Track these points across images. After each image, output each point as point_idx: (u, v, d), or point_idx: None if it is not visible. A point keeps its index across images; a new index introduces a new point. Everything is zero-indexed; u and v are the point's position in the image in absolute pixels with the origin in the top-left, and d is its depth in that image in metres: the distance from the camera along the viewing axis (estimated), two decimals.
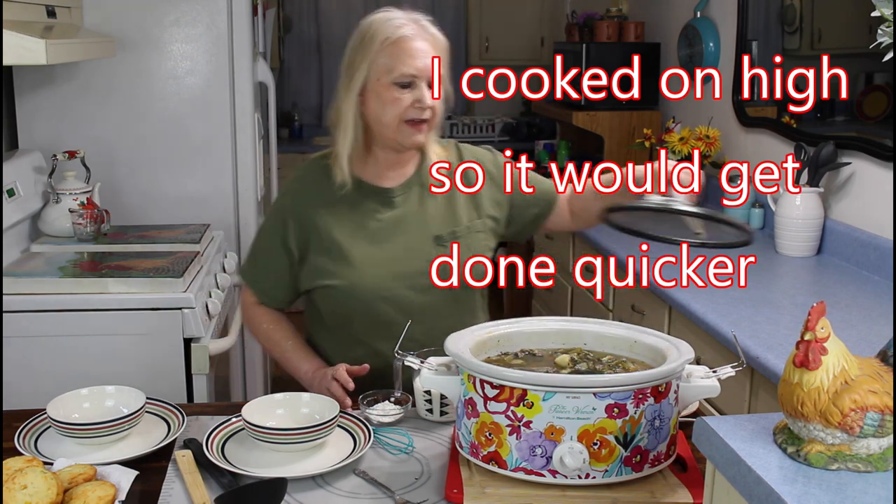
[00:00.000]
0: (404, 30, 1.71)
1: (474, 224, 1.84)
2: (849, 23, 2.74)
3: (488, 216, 1.86)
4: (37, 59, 2.04)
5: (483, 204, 1.86)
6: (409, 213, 1.81)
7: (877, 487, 1.01)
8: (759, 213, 3.13)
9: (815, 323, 1.06)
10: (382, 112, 1.73)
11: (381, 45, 1.71)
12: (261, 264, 1.88)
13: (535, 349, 1.53)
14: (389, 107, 1.71)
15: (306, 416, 1.56)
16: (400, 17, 1.74)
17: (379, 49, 1.71)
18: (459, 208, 1.83)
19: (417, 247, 1.79)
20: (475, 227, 1.84)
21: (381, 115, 1.73)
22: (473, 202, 1.85)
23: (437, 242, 1.80)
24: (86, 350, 2.18)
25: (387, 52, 1.71)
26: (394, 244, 1.79)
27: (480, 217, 1.85)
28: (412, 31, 1.71)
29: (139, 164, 3.01)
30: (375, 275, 1.76)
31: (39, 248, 2.56)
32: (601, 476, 1.31)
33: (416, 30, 1.72)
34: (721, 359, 2.11)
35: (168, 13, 2.95)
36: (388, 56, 1.70)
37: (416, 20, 1.75)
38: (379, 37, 1.71)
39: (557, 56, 4.33)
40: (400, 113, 1.71)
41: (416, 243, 1.79)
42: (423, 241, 1.80)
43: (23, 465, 1.29)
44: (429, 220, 1.81)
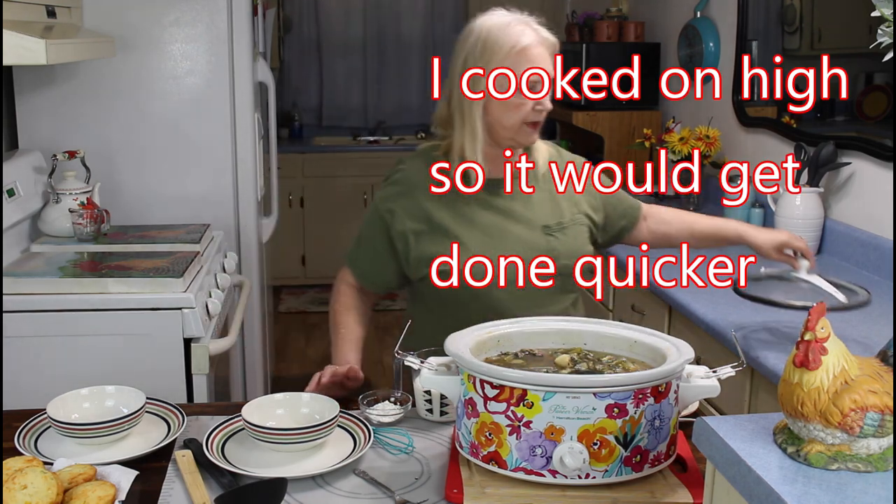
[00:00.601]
0: (525, 38, 1.77)
1: (576, 217, 1.91)
2: (849, 23, 2.74)
3: (586, 215, 1.93)
4: (37, 59, 2.04)
5: (581, 203, 1.93)
6: (517, 204, 1.87)
7: (877, 487, 1.01)
8: (759, 213, 3.13)
9: (815, 323, 1.06)
10: (506, 115, 1.80)
11: (507, 54, 1.77)
12: (363, 249, 1.94)
13: (535, 349, 1.53)
14: (514, 111, 1.80)
15: (306, 416, 1.56)
16: (515, 22, 1.79)
17: (503, 58, 1.78)
18: (562, 202, 1.91)
19: (527, 236, 1.85)
20: (577, 220, 1.91)
21: (504, 118, 1.81)
22: (573, 199, 1.92)
23: (545, 232, 1.86)
24: (86, 350, 2.18)
25: (511, 60, 1.77)
26: (506, 233, 1.85)
27: (580, 212, 1.92)
28: (532, 39, 1.78)
29: (139, 164, 3.01)
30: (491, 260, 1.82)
31: (39, 248, 2.56)
32: (601, 476, 1.31)
33: (534, 36, 1.78)
34: (721, 359, 2.11)
35: (168, 13, 2.95)
36: (514, 64, 1.77)
37: (527, 23, 1.80)
38: (503, 46, 1.77)
39: (557, 56, 4.33)
40: (523, 116, 1.80)
41: (525, 233, 1.85)
42: (531, 230, 1.86)
43: (23, 465, 1.29)
44: (536, 212, 1.88)
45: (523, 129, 1.81)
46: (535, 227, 1.86)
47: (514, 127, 1.81)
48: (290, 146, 5.80)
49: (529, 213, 1.87)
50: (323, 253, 5.73)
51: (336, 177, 5.73)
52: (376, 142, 6.12)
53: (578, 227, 1.90)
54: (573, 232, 1.89)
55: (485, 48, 1.79)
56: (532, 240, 1.85)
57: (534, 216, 1.87)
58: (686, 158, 3.45)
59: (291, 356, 4.82)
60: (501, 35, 1.78)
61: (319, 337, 5.08)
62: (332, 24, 6.12)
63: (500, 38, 1.78)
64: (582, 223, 1.91)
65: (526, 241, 1.85)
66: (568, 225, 1.88)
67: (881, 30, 1.92)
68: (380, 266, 1.92)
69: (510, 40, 1.77)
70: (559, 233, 1.87)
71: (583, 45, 4.07)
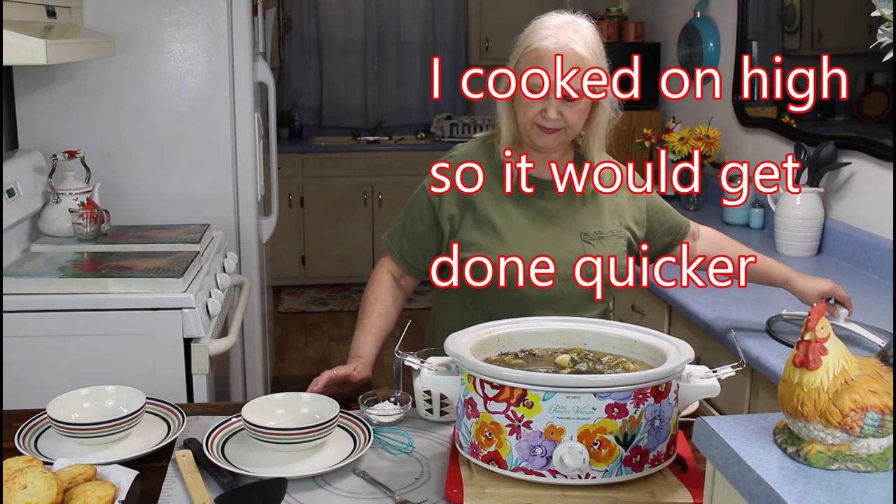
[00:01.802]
0: (545, 42, 1.76)
1: (616, 230, 1.90)
2: (849, 23, 2.74)
3: (627, 227, 1.92)
4: (37, 59, 2.04)
5: (625, 215, 1.93)
6: (560, 206, 1.87)
7: (877, 487, 1.01)
8: (759, 213, 3.13)
9: (815, 323, 1.06)
10: (519, 112, 1.82)
11: (524, 51, 1.79)
12: (407, 233, 1.93)
13: (535, 349, 1.53)
14: (523, 109, 1.80)
15: (306, 416, 1.56)
16: (551, 27, 1.78)
17: (522, 54, 1.79)
18: (605, 212, 1.90)
19: (564, 239, 1.85)
20: (617, 232, 1.90)
21: (519, 114, 1.82)
22: (617, 210, 1.92)
23: (583, 239, 1.86)
24: (86, 350, 2.18)
25: (526, 58, 1.78)
26: (544, 232, 1.85)
27: (622, 225, 1.91)
28: (552, 45, 1.75)
29: (139, 164, 3.01)
30: (523, 258, 1.81)
31: (39, 248, 2.56)
32: (601, 476, 1.31)
33: (557, 44, 1.76)
34: (721, 359, 2.11)
35: (168, 13, 2.95)
36: (526, 64, 1.78)
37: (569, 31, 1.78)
38: (525, 42, 1.79)
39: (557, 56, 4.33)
40: (531, 118, 1.80)
41: (563, 235, 1.85)
42: (570, 234, 1.86)
43: (23, 465, 1.29)
44: (577, 217, 1.88)
45: (534, 130, 1.81)
46: (573, 231, 1.86)
47: (526, 126, 1.81)
48: (290, 146, 5.80)
49: (571, 217, 1.88)
50: (323, 253, 5.74)
51: (336, 177, 5.74)
52: (376, 142, 6.13)
53: (617, 238, 1.90)
54: (611, 243, 1.88)
55: (518, 41, 1.82)
56: (568, 244, 1.85)
57: (575, 221, 1.87)
58: (686, 158, 3.45)
59: (291, 356, 4.82)
60: (531, 32, 1.80)
61: (319, 337, 5.08)
62: (332, 24, 6.12)
63: (528, 34, 1.80)
64: (621, 235, 1.91)
65: (562, 244, 1.85)
66: (607, 235, 1.88)
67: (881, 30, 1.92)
68: (423, 250, 1.91)
69: (531, 38, 1.78)
70: (596, 241, 1.86)
71: None
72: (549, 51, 1.75)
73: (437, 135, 6.02)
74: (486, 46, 5.93)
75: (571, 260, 1.83)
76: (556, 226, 1.86)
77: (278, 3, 5.55)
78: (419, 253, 1.91)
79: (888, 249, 2.46)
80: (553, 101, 1.77)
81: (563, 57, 1.75)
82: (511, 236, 1.83)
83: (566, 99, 1.78)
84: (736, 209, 3.20)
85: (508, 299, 1.82)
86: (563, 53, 1.75)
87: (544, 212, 1.87)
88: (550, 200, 1.88)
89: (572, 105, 1.79)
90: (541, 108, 1.78)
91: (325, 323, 5.28)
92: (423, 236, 1.90)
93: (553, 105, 1.78)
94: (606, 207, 1.91)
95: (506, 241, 1.82)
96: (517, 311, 1.77)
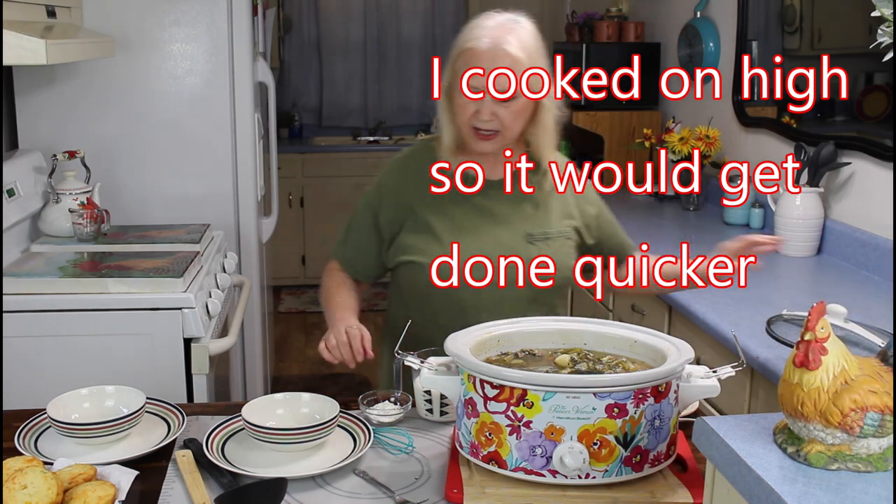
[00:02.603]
0: (479, 42, 1.74)
1: (565, 231, 1.88)
2: (849, 23, 2.74)
3: (575, 229, 1.91)
4: (37, 59, 2.04)
5: (574, 213, 1.91)
6: (504, 208, 1.85)
7: (877, 487, 1.01)
8: (759, 213, 3.13)
9: (815, 323, 1.06)
10: (455, 114, 1.79)
11: (459, 51, 1.77)
12: (351, 239, 1.94)
13: (535, 349, 1.53)
14: (459, 111, 1.78)
15: (306, 416, 1.56)
16: (487, 26, 1.76)
17: (457, 55, 1.77)
18: (553, 213, 1.88)
19: (507, 241, 1.83)
20: (565, 233, 1.88)
21: (455, 116, 1.80)
22: (567, 211, 1.90)
23: (527, 240, 1.84)
24: (86, 350, 2.18)
25: (461, 59, 1.76)
26: (484, 234, 1.83)
27: (571, 226, 1.90)
28: (486, 45, 1.73)
29: (139, 164, 3.01)
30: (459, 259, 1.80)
31: (39, 248, 2.56)
32: (601, 476, 1.31)
33: (491, 44, 1.73)
34: (721, 359, 2.11)
35: (168, 13, 2.95)
36: (461, 64, 1.76)
37: (505, 31, 1.75)
38: (459, 41, 1.77)
39: (557, 56, 4.32)
40: (466, 120, 1.77)
41: (506, 237, 1.83)
42: (514, 236, 1.83)
43: (23, 465, 1.29)
44: (523, 218, 1.85)
45: (471, 133, 1.78)
46: (518, 233, 1.84)
47: (464, 129, 1.78)
48: (290, 146, 5.80)
49: (517, 219, 1.85)
50: (323, 253, 5.67)
51: (336, 177, 5.73)
52: (376, 142, 6.12)
53: (564, 240, 1.87)
54: (557, 244, 1.86)
55: (456, 41, 1.79)
56: (511, 245, 1.82)
57: (520, 223, 1.85)
58: (686, 158, 3.45)
59: (291, 356, 4.82)
60: (467, 32, 1.78)
61: (319, 337, 5.03)
62: (332, 24, 6.12)
63: (464, 34, 1.78)
64: (569, 237, 1.89)
65: (505, 245, 1.82)
66: (553, 236, 1.86)
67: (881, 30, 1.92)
68: (367, 256, 1.92)
69: (465, 38, 1.76)
70: (542, 242, 1.84)
71: (583, 45, 4.07)
72: (483, 51, 1.72)
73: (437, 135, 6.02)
74: None
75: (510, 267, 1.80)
76: (500, 226, 1.84)
77: (278, 3, 5.55)
78: (363, 259, 1.92)
79: (888, 249, 2.46)
80: (487, 101, 1.74)
81: (495, 56, 1.72)
82: (448, 238, 1.81)
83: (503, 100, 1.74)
84: (736, 209, 3.20)
85: (445, 301, 1.81)
86: (496, 53, 1.72)
87: (489, 212, 1.84)
88: (496, 201, 1.85)
89: (507, 106, 1.75)
90: (475, 109, 1.75)
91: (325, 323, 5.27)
92: (365, 243, 1.90)
93: (487, 106, 1.74)
94: (555, 208, 1.89)
95: (443, 243, 1.81)
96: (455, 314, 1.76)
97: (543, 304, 1.86)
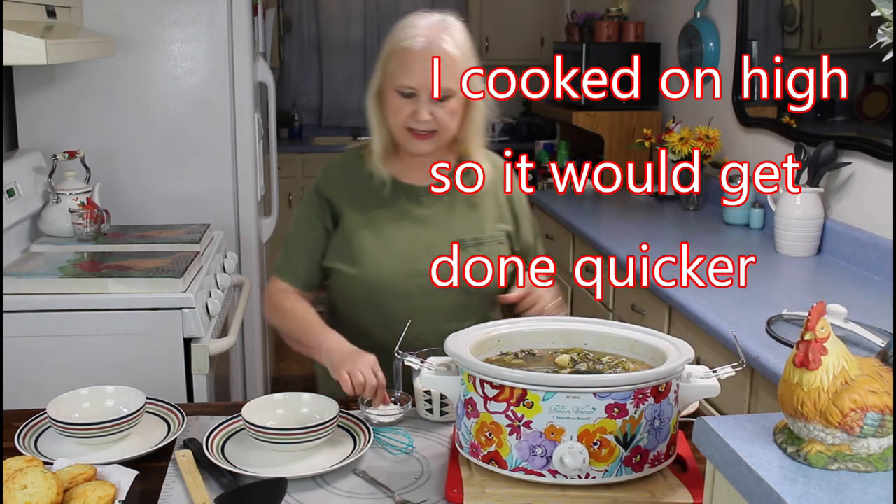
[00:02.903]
0: (414, 41, 1.71)
1: (497, 234, 1.86)
2: (849, 23, 2.74)
3: (507, 233, 1.89)
4: (37, 59, 2.04)
5: (506, 216, 1.90)
6: (435, 213, 1.83)
7: (877, 487, 1.01)
8: (759, 213, 3.13)
9: (815, 323, 1.06)
10: (388, 117, 1.77)
11: (392, 51, 1.74)
12: (293, 248, 1.89)
13: (535, 349, 1.53)
14: (392, 113, 1.75)
15: (306, 416, 1.56)
16: (420, 26, 1.74)
17: (389, 55, 1.74)
18: (486, 217, 1.86)
19: (438, 247, 1.80)
20: (497, 237, 1.86)
21: (388, 119, 1.77)
22: (500, 213, 1.88)
23: (459, 246, 1.81)
24: (86, 350, 2.18)
25: (395, 59, 1.73)
26: (413, 241, 1.80)
27: (504, 229, 1.88)
28: (421, 44, 1.71)
29: (139, 164, 3.01)
30: (387, 268, 1.78)
31: (39, 248, 2.56)
32: (601, 476, 1.31)
33: (426, 43, 1.71)
34: (721, 359, 2.11)
35: (168, 13, 2.95)
36: (395, 65, 1.73)
37: (438, 30, 1.73)
38: (392, 42, 1.74)
39: (557, 56, 4.33)
40: (401, 122, 1.74)
41: (436, 243, 1.81)
42: (444, 242, 1.81)
43: (23, 465, 1.29)
44: (455, 223, 1.83)
45: (406, 135, 1.76)
46: (449, 238, 1.81)
47: (398, 131, 1.76)
48: (290, 146, 5.80)
49: (448, 224, 1.83)
50: None
51: None
52: None
53: (496, 245, 1.85)
54: (488, 250, 1.83)
55: (386, 42, 1.77)
56: (442, 250, 1.80)
57: (452, 228, 1.82)
58: (686, 158, 3.45)
59: (291, 356, 4.79)
60: (399, 32, 1.75)
61: None
62: (332, 24, 6.12)
63: (396, 34, 1.75)
64: (501, 241, 1.87)
65: (434, 252, 1.80)
66: (485, 241, 1.84)
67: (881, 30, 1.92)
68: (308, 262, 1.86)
69: (398, 39, 1.74)
70: (473, 247, 1.82)
71: (583, 45, 4.07)
72: (419, 50, 1.70)
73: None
74: (486, 46, 5.92)
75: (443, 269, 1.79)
76: (431, 232, 1.81)
77: (278, 3, 5.55)
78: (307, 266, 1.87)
79: (888, 249, 2.46)
80: (424, 101, 1.72)
81: (433, 56, 1.70)
82: (375, 247, 1.79)
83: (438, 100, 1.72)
84: (736, 209, 3.20)
85: (374, 312, 1.80)
86: (434, 53, 1.70)
87: (418, 219, 1.82)
88: (427, 206, 1.83)
89: (443, 105, 1.73)
90: (412, 110, 1.73)
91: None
92: (307, 250, 1.86)
93: (425, 106, 1.72)
94: (489, 211, 1.87)
95: (369, 251, 1.79)
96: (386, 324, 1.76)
97: (474, 311, 1.83)
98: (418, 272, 1.79)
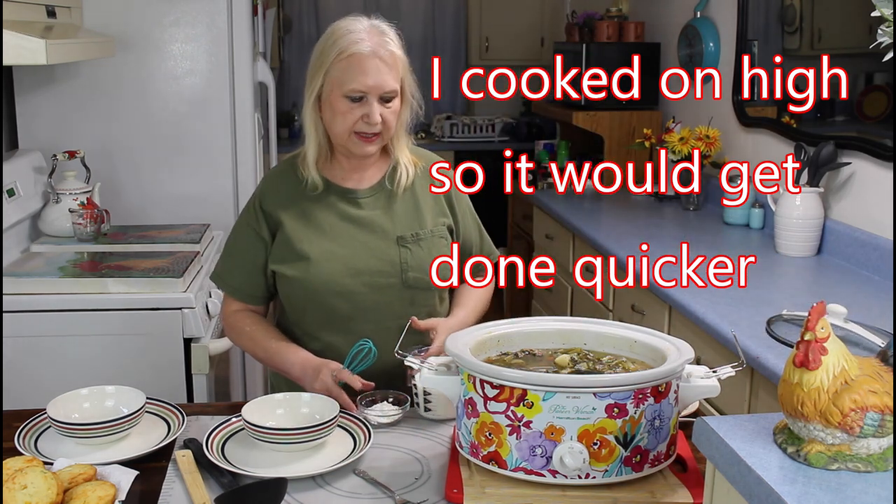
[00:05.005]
0: (360, 46, 1.72)
1: (438, 229, 1.86)
2: (849, 23, 2.74)
3: (449, 227, 1.89)
4: (37, 59, 2.04)
5: (445, 209, 1.90)
6: (374, 214, 1.84)
7: (877, 487, 1.01)
8: (759, 213, 3.13)
9: (815, 323, 1.06)
10: (334, 122, 1.76)
11: (336, 58, 1.74)
12: (233, 261, 1.88)
13: (535, 349, 1.53)
14: (340, 118, 1.75)
15: (306, 416, 1.56)
16: (360, 31, 1.75)
17: (334, 61, 1.74)
18: (426, 212, 1.86)
19: (377, 246, 1.81)
20: (438, 232, 1.86)
21: (333, 124, 1.77)
22: (439, 208, 1.89)
23: (399, 243, 1.82)
24: (86, 350, 2.18)
25: (341, 65, 1.73)
26: (353, 242, 1.81)
27: (446, 224, 1.88)
28: (368, 48, 1.72)
29: (139, 164, 3.01)
30: (330, 269, 1.78)
31: (39, 248, 2.56)
32: (601, 476, 1.31)
33: (372, 46, 1.73)
34: (721, 359, 2.11)
35: (168, 13, 2.95)
36: (341, 70, 1.73)
37: (377, 34, 1.75)
38: (335, 49, 1.74)
39: (557, 56, 4.33)
40: (350, 126, 1.75)
41: (376, 243, 1.81)
42: (384, 241, 1.82)
43: (23, 465, 1.29)
44: (394, 222, 1.84)
45: (353, 138, 1.76)
46: (389, 237, 1.82)
47: (344, 136, 1.76)
48: (290, 146, 5.79)
49: (388, 223, 1.83)
50: None
51: None
52: None
53: (437, 239, 1.85)
54: (428, 245, 1.84)
55: (323, 49, 1.77)
56: (383, 250, 1.81)
57: (392, 227, 1.83)
58: (686, 158, 3.45)
59: None
60: (339, 39, 1.75)
61: None
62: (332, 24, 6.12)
63: (337, 41, 1.75)
64: (443, 235, 1.87)
65: (376, 251, 1.80)
66: (425, 237, 1.84)
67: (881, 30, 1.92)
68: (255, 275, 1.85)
69: (343, 45, 1.74)
70: (413, 244, 1.82)
71: (583, 45, 4.07)
72: (367, 54, 1.72)
73: (437, 135, 6.02)
74: (486, 47, 5.93)
75: (387, 268, 1.80)
76: (370, 234, 1.82)
77: (278, 3, 5.55)
78: (245, 278, 1.85)
79: (888, 249, 2.46)
80: (374, 104, 1.74)
81: (382, 58, 1.73)
82: (317, 249, 1.79)
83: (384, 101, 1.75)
84: (736, 209, 3.20)
85: (321, 314, 1.80)
86: (380, 55, 1.73)
87: (358, 220, 1.82)
88: (365, 208, 1.84)
89: (389, 107, 1.76)
90: (363, 113, 1.74)
91: None
92: (251, 264, 1.84)
93: (376, 108, 1.74)
94: (429, 207, 1.87)
95: (311, 254, 1.78)
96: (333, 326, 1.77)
97: (421, 306, 1.83)
98: (359, 271, 1.79)
